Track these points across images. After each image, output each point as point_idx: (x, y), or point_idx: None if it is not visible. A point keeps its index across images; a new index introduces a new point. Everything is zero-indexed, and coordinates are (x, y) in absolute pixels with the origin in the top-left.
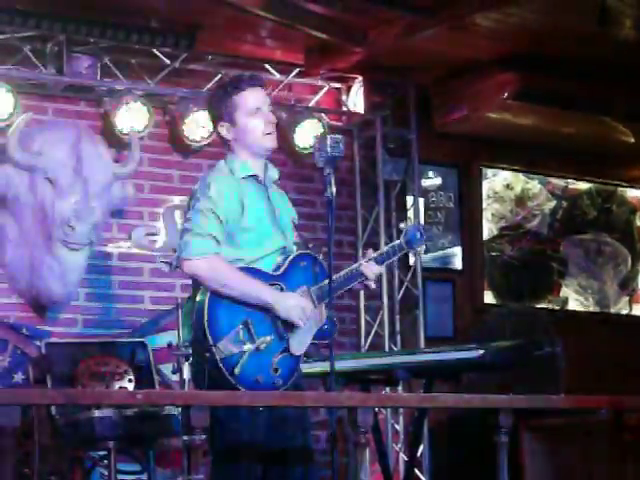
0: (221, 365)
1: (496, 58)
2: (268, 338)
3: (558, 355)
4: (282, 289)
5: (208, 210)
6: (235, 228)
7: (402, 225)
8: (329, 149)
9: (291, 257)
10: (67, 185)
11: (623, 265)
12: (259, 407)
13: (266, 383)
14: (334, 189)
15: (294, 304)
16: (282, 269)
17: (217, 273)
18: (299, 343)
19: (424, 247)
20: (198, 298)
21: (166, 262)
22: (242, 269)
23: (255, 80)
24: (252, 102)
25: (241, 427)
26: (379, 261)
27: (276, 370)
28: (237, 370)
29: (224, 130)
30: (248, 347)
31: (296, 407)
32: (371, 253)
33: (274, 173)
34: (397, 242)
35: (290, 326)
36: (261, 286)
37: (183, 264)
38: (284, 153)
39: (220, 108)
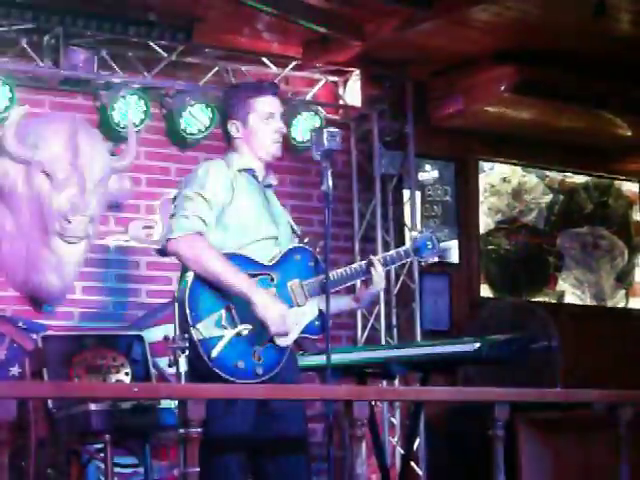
0: (198, 346)
1: (493, 51)
2: (250, 325)
3: (554, 348)
4: (272, 279)
5: (195, 194)
6: (224, 209)
7: (414, 233)
8: (326, 142)
9: (286, 249)
10: (64, 178)
11: (620, 258)
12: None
13: (246, 370)
14: (331, 183)
15: (275, 310)
16: (275, 260)
17: (198, 252)
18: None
19: (435, 259)
20: (184, 279)
21: (157, 249)
22: (232, 255)
23: (275, 88)
24: (268, 108)
25: (228, 418)
26: (383, 263)
27: (259, 359)
28: (214, 353)
29: (233, 128)
30: (229, 331)
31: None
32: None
33: (272, 180)
34: (405, 248)
35: None
36: (242, 277)
37: (167, 244)
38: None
39: (235, 106)
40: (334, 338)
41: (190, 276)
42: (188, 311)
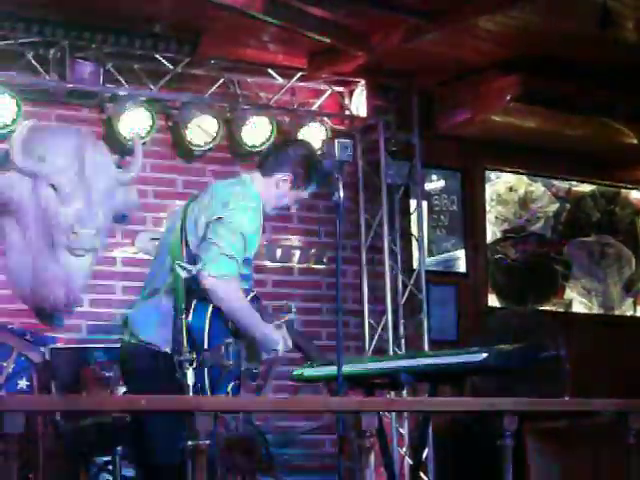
0: (206, 371)
1: (499, 61)
2: (232, 362)
3: (562, 357)
4: None
5: (237, 231)
6: (248, 254)
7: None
8: (337, 153)
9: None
10: (70, 191)
11: (627, 267)
12: None
13: None
14: (342, 193)
15: (280, 342)
16: None
17: (234, 297)
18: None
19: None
20: (205, 306)
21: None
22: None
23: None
24: (307, 194)
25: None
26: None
27: (228, 394)
28: (214, 383)
29: (282, 179)
30: (228, 363)
31: None
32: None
33: None
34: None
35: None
36: (262, 322)
37: (206, 279)
38: None
39: (299, 172)
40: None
41: (211, 305)
42: (207, 339)
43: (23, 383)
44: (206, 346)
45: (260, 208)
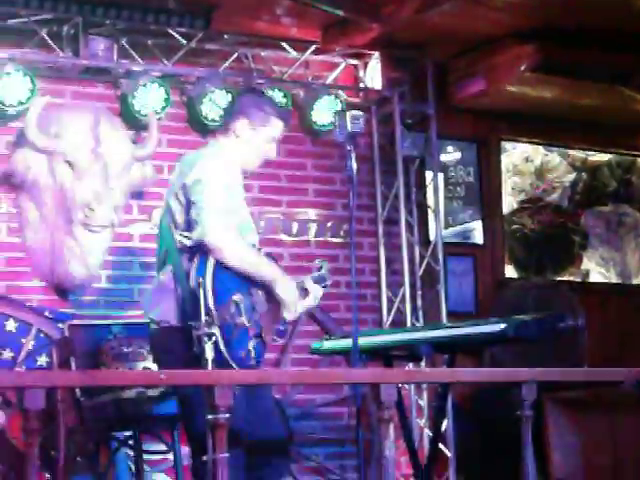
0: (217, 332)
1: (513, 31)
2: (248, 318)
3: (580, 328)
4: None
5: (218, 183)
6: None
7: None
8: (349, 125)
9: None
10: (86, 167)
11: None
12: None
13: (246, 361)
14: (355, 165)
15: (295, 290)
16: None
17: (244, 252)
18: (266, 333)
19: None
20: (206, 266)
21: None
22: None
23: (290, 117)
24: (276, 133)
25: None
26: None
27: (250, 352)
28: (227, 341)
29: (239, 125)
30: (241, 320)
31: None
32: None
33: None
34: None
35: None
36: (270, 263)
37: (210, 240)
38: (302, 131)
39: (252, 111)
40: (360, 321)
41: (211, 261)
42: (211, 294)
43: (43, 360)
44: (212, 305)
45: (229, 157)
